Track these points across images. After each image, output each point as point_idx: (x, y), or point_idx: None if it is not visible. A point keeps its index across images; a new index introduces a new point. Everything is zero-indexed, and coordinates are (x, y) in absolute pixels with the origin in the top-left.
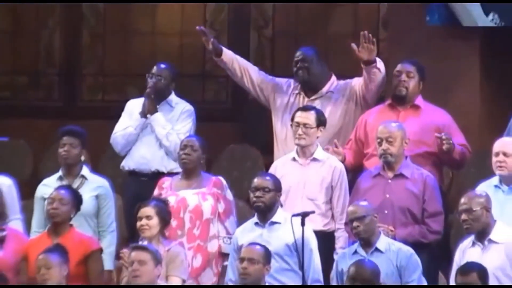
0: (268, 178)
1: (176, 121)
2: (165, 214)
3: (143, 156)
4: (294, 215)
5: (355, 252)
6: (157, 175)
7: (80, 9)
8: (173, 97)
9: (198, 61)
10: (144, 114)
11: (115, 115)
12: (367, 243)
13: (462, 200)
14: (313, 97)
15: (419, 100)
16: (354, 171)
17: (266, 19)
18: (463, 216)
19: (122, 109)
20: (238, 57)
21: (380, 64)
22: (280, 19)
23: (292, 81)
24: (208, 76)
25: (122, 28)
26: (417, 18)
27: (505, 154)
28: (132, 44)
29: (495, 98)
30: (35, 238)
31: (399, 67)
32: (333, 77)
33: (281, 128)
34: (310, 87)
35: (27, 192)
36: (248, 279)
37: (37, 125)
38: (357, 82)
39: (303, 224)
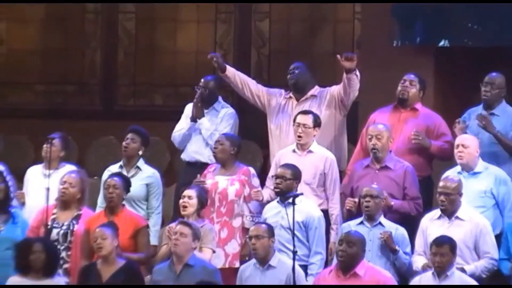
0: (288, 169)
1: (220, 123)
2: (203, 198)
3: (194, 151)
4: (286, 196)
5: (361, 223)
6: (205, 166)
7: (116, 32)
8: (219, 103)
9: (210, 74)
10: (193, 119)
11: (144, 117)
12: (371, 217)
13: (442, 184)
14: (301, 100)
15: (419, 105)
16: None
17: (264, 40)
18: (442, 198)
19: (149, 112)
20: (239, 72)
21: (357, 72)
22: (275, 40)
23: (282, 90)
24: None
25: (149, 47)
26: (383, 39)
27: (463, 146)
28: (157, 60)
29: (445, 103)
30: (95, 215)
31: (405, 76)
32: (316, 86)
33: (275, 126)
34: (298, 89)
35: None
36: (258, 252)
37: (82, 125)
38: (335, 89)
39: (293, 203)
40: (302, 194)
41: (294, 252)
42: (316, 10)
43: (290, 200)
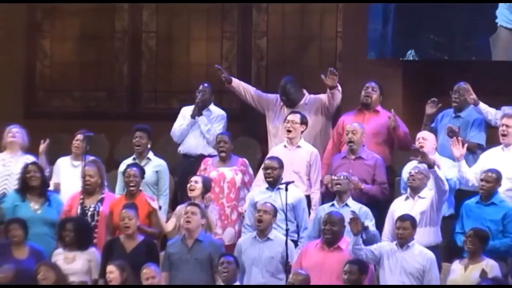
0: (275, 160)
1: (214, 122)
2: (207, 185)
3: (191, 144)
4: (281, 183)
5: (332, 205)
6: (201, 157)
7: (140, 48)
8: (212, 106)
9: (216, 82)
10: (193, 116)
11: (163, 118)
12: (341, 199)
13: (409, 166)
14: (294, 108)
15: (379, 107)
16: None
17: (262, 54)
18: (412, 172)
19: (168, 114)
20: (242, 82)
21: (339, 87)
22: (271, 54)
23: (278, 96)
24: (224, 92)
25: (167, 60)
26: (361, 53)
27: (423, 138)
28: (174, 71)
29: (412, 107)
30: (117, 199)
31: (367, 84)
32: (306, 94)
33: (272, 127)
34: (291, 104)
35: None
36: (262, 224)
37: (111, 124)
38: (324, 98)
39: (286, 189)
40: (293, 182)
41: (287, 230)
42: (305, 30)
43: (281, 186)
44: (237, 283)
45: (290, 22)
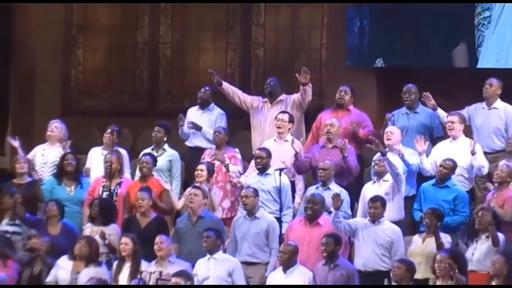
0: (263, 151)
1: (217, 122)
2: (210, 170)
3: (193, 139)
4: (275, 170)
5: (317, 187)
6: (200, 149)
7: (158, 57)
8: (212, 105)
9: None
10: (199, 129)
11: (176, 115)
12: (324, 184)
13: (377, 156)
14: (273, 103)
15: (351, 107)
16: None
17: (260, 62)
18: (377, 160)
19: (181, 112)
20: (230, 85)
21: (310, 84)
22: (268, 63)
23: (260, 97)
24: None
25: (181, 67)
26: (341, 62)
27: (391, 132)
28: (186, 76)
29: (384, 107)
30: (133, 182)
31: (340, 88)
32: (283, 94)
33: (256, 122)
34: (271, 95)
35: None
36: (248, 206)
37: (134, 121)
38: (295, 96)
39: (280, 174)
40: (286, 168)
41: (281, 209)
42: (296, 42)
43: (268, 171)
44: (220, 251)
45: (283, 35)
